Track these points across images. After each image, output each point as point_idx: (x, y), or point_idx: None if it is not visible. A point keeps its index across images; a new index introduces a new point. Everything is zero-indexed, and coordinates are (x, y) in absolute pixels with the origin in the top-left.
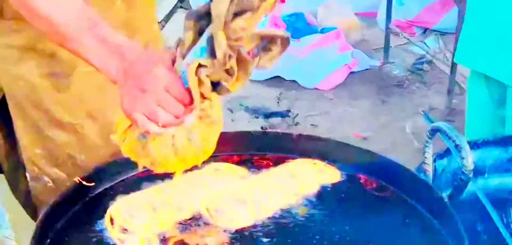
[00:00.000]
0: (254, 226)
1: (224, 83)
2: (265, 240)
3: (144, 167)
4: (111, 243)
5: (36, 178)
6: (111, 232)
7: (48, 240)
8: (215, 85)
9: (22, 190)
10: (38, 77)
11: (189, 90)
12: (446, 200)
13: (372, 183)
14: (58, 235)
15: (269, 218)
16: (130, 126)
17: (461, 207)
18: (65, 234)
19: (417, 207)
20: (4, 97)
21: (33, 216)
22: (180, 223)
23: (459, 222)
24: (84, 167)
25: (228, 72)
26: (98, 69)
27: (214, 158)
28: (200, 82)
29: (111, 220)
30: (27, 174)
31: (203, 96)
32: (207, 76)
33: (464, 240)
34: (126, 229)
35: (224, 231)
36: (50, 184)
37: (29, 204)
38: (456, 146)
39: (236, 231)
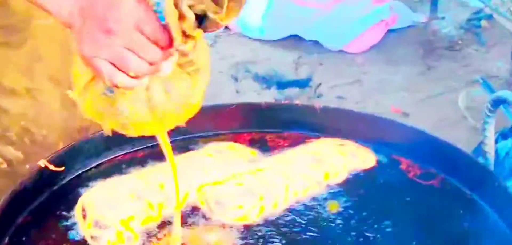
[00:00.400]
0: (265, 224)
1: (211, 15)
2: (276, 242)
3: (113, 131)
4: (80, 240)
5: None
6: (83, 227)
7: (6, 239)
8: (200, 20)
9: None
10: None
11: (166, 28)
12: (511, 190)
13: (415, 168)
14: (19, 231)
15: (283, 214)
16: (93, 78)
17: None
18: (27, 229)
19: (475, 199)
20: None
21: None
22: (172, 216)
23: None
24: (46, 145)
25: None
26: (49, 12)
27: (215, 137)
28: (181, 16)
29: (84, 211)
30: None
31: (185, 35)
32: (190, 7)
33: None
34: (101, 224)
35: (227, 228)
36: (4, 165)
37: None
38: None
39: (242, 230)
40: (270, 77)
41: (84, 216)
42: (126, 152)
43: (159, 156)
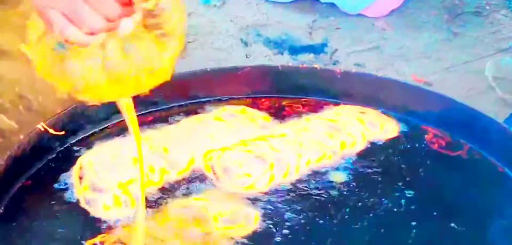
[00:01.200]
0: (275, 193)
1: None
2: (288, 213)
3: (68, 94)
4: (73, 202)
5: None
6: (77, 189)
7: (1, 207)
8: None
9: None
10: None
11: None
12: None
13: (441, 139)
14: (15, 197)
15: (295, 183)
16: (47, 32)
17: None
18: (23, 195)
19: (506, 172)
20: None
21: None
22: (175, 182)
23: None
24: (42, 114)
25: None
26: None
27: (225, 102)
28: None
29: (81, 173)
30: None
31: None
32: None
33: None
34: (98, 187)
35: (232, 196)
36: None
37: None
38: None
39: (250, 199)
40: (283, 42)
41: (81, 178)
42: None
43: (167, 120)
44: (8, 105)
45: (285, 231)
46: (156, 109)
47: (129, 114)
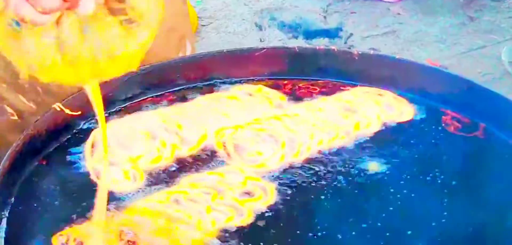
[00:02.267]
0: (284, 171)
1: None
2: (289, 190)
3: (29, 76)
4: (83, 173)
5: None
6: (88, 160)
7: (17, 187)
8: None
9: None
10: None
11: None
12: None
13: (458, 121)
14: (31, 175)
15: (306, 162)
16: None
17: None
18: (39, 172)
19: None
20: None
21: None
22: (182, 159)
23: None
24: (60, 94)
25: None
26: None
27: (241, 82)
28: None
29: (93, 147)
30: None
31: None
32: None
33: None
34: (109, 160)
35: (244, 172)
36: (14, 117)
37: None
38: None
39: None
40: (297, 26)
41: (93, 152)
42: (152, 95)
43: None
44: (27, 86)
45: (308, 207)
46: (173, 90)
47: (95, 99)
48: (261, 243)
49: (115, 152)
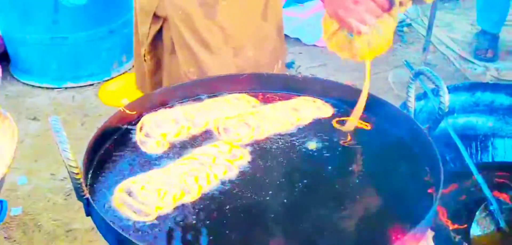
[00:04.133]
0: (252, 145)
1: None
2: (249, 153)
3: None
4: (133, 141)
5: None
6: (138, 135)
7: (95, 163)
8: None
9: None
10: (193, 6)
11: None
12: (425, 130)
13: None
14: (102, 158)
15: (267, 140)
16: (339, 27)
17: (434, 141)
18: (108, 153)
19: (399, 135)
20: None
21: None
22: (193, 136)
23: (435, 147)
24: None
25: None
26: None
27: (231, 92)
28: None
29: (142, 127)
30: None
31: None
32: None
33: (439, 161)
34: (149, 134)
35: (231, 144)
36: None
37: None
38: (436, 87)
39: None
40: None
41: (141, 129)
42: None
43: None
44: None
45: (267, 163)
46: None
47: (368, 66)
48: (243, 183)
49: (153, 129)
